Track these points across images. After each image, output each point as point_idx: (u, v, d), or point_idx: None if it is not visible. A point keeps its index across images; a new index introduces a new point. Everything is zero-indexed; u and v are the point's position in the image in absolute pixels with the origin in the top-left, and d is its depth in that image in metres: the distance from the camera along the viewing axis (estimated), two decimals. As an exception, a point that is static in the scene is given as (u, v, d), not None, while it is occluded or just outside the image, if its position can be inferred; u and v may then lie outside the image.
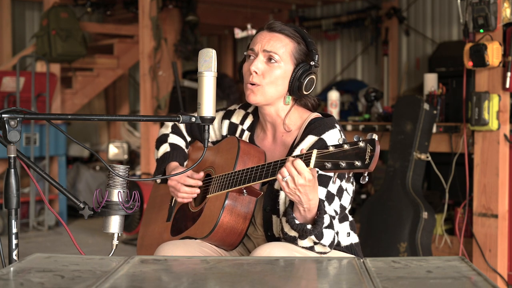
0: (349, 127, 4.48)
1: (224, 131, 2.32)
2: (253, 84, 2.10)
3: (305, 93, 2.11)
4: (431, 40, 6.39)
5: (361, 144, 1.72)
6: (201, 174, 2.25)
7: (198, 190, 2.23)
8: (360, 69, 7.14)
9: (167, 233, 2.31)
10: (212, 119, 1.88)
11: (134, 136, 7.13)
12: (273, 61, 2.09)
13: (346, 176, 1.81)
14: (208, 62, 1.87)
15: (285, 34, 2.10)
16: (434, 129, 3.99)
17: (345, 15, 6.90)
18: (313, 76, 2.11)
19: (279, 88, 2.10)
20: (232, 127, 2.30)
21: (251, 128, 2.26)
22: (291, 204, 1.96)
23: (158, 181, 2.41)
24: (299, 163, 1.82)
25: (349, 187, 2.08)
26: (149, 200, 2.55)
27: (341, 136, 2.05)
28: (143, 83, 5.67)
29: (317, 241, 1.93)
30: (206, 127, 1.89)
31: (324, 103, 5.15)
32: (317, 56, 2.11)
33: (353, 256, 2.01)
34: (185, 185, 2.22)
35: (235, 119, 2.31)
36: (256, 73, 2.09)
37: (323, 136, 2.04)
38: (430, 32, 6.45)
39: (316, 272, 1.52)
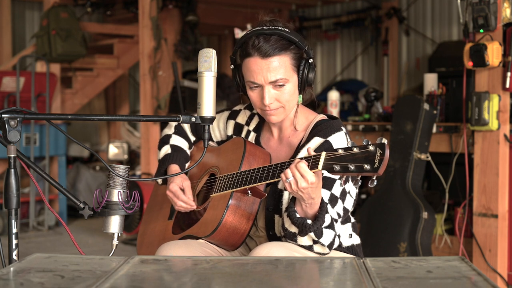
0: (349, 127, 4.48)
1: (230, 132, 2.32)
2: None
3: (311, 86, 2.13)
4: (431, 40, 6.39)
5: (371, 147, 1.72)
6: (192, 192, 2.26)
7: (193, 207, 2.23)
8: (360, 69, 7.14)
9: (168, 231, 2.30)
10: (212, 119, 1.88)
11: (134, 136, 7.12)
12: (281, 84, 2.07)
13: (354, 179, 1.81)
14: (208, 62, 1.87)
15: (276, 54, 2.05)
16: (434, 129, 3.99)
17: (345, 15, 6.91)
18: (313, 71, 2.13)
19: (294, 101, 2.11)
20: (238, 128, 2.30)
21: (257, 129, 2.26)
22: (293, 199, 1.97)
23: (160, 182, 2.41)
24: (303, 166, 1.82)
25: (352, 190, 2.08)
26: (151, 198, 2.55)
27: (347, 138, 2.06)
28: (143, 83, 5.67)
29: (316, 239, 1.93)
30: (206, 127, 1.89)
31: (324, 103, 5.14)
32: (311, 50, 2.10)
33: (353, 256, 2.01)
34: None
35: (241, 119, 2.31)
36: (271, 103, 2.08)
37: (329, 139, 2.04)
38: (430, 32, 6.45)
39: (316, 272, 1.52)
